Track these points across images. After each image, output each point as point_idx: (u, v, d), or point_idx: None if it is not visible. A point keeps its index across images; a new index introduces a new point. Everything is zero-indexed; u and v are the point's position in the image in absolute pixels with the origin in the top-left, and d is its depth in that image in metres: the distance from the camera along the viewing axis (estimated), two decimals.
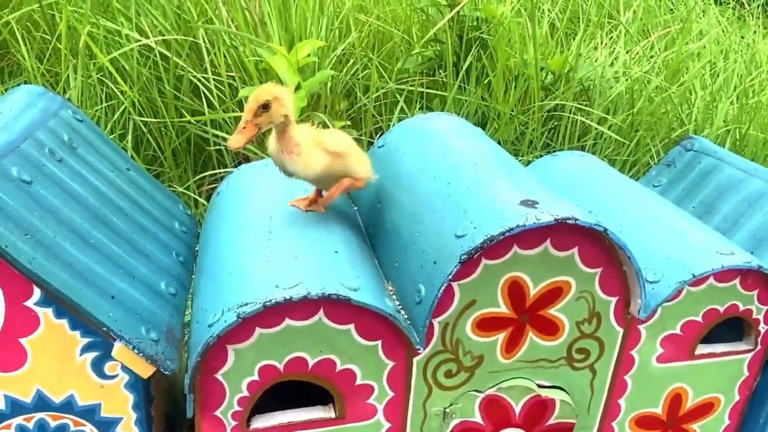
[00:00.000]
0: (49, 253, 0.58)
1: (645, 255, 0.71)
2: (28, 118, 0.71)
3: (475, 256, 0.61)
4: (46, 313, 0.57)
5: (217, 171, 1.33)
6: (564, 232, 0.64)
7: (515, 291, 0.66)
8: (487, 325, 0.67)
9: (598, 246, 0.66)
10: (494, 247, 0.62)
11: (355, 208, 0.90)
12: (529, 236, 0.63)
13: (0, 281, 0.55)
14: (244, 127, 0.65)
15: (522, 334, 0.69)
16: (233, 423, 0.65)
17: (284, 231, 0.72)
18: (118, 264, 0.66)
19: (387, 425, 0.70)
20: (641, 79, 1.52)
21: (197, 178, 1.31)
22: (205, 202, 1.28)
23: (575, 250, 0.66)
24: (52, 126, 0.73)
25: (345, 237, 0.76)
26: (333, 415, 0.68)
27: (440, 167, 0.76)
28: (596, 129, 1.44)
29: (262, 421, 0.67)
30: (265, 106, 0.65)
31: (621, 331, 0.72)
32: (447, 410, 0.71)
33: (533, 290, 0.67)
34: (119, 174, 0.80)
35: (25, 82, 1.34)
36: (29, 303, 0.57)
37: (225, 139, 1.34)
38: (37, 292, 0.56)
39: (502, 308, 0.67)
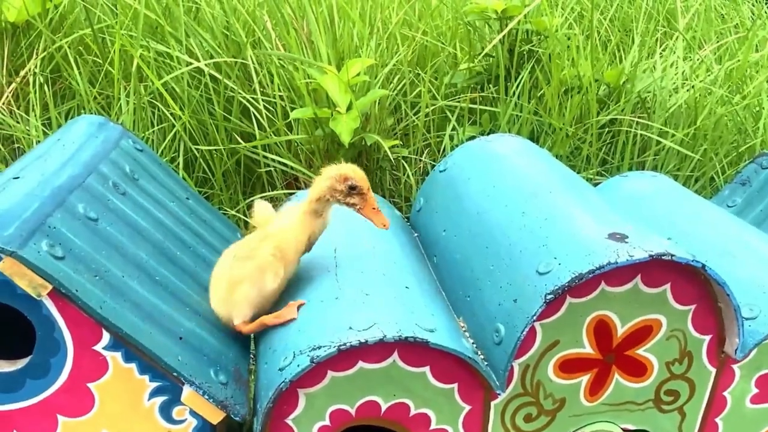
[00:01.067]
0: (118, 295, 0.56)
1: (736, 287, 0.65)
2: (91, 151, 0.70)
3: (562, 294, 0.57)
4: (115, 357, 0.55)
5: (266, 193, 1.32)
6: (656, 267, 0.60)
7: (601, 330, 0.62)
8: (570, 366, 0.63)
9: (693, 282, 0.61)
10: (581, 285, 0.58)
11: (416, 234, 0.87)
12: (619, 273, 0.59)
13: (69, 325, 0.54)
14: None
15: (607, 376, 0.64)
16: None
17: (351, 264, 0.69)
18: (183, 301, 0.64)
19: None
20: (703, 91, 1.45)
21: (248, 200, 1.29)
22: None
23: (668, 286, 0.61)
24: (114, 158, 0.72)
25: (413, 269, 0.72)
26: None
27: (511, 194, 0.72)
28: (656, 143, 1.38)
29: None
30: None
31: (714, 371, 0.67)
32: None
33: (621, 329, 0.62)
34: (179, 204, 0.78)
35: (78, 106, 1.34)
36: (98, 347, 0.55)
37: (274, 160, 1.32)
38: (106, 336, 0.54)
39: (587, 349, 0.62)
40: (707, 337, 0.65)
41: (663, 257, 0.57)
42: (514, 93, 1.36)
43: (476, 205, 0.75)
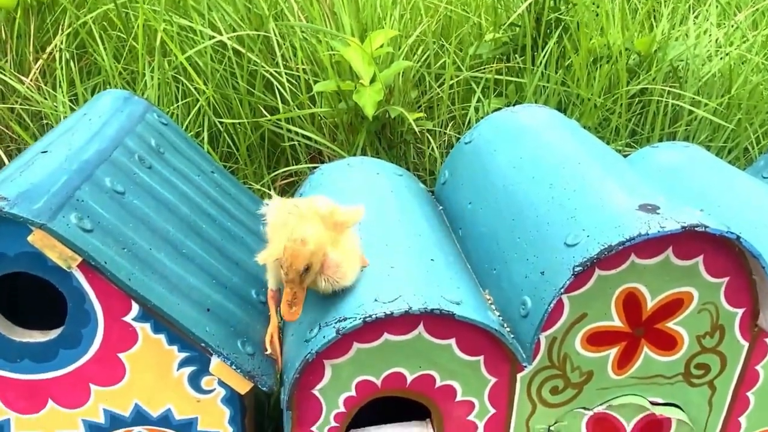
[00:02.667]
0: (145, 267, 0.56)
1: None
2: (117, 125, 0.70)
3: (591, 266, 0.56)
4: (144, 328, 0.56)
5: (290, 167, 1.32)
6: (689, 239, 0.58)
7: (631, 303, 0.61)
8: (598, 339, 0.62)
9: (726, 254, 0.60)
10: (610, 257, 0.56)
11: (440, 207, 0.86)
12: (650, 245, 0.58)
13: (99, 297, 0.54)
14: (295, 298, 0.55)
15: (636, 349, 0.63)
16: None
17: (375, 237, 0.68)
18: (210, 274, 0.64)
19: None
20: (738, 58, 1.40)
21: (272, 174, 1.30)
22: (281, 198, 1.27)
23: (700, 258, 0.59)
24: (140, 131, 0.72)
25: (438, 242, 0.72)
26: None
27: (539, 166, 0.71)
28: (689, 113, 1.34)
29: None
30: (307, 269, 0.55)
31: (746, 344, 0.65)
32: (551, 428, 0.66)
33: (651, 302, 0.61)
34: (205, 177, 0.79)
35: (104, 82, 1.35)
36: (127, 318, 0.56)
37: (298, 134, 1.32)
38: (135, 307, 0.55)
39: (616, 322, 0.62)
40: (740, 311, 0.63)
41: (696, 228, 0.55)
42: (540, 63, 1.33)
43: (503, 177, 0.73)
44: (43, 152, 0.61)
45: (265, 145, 1.35)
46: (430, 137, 1.31)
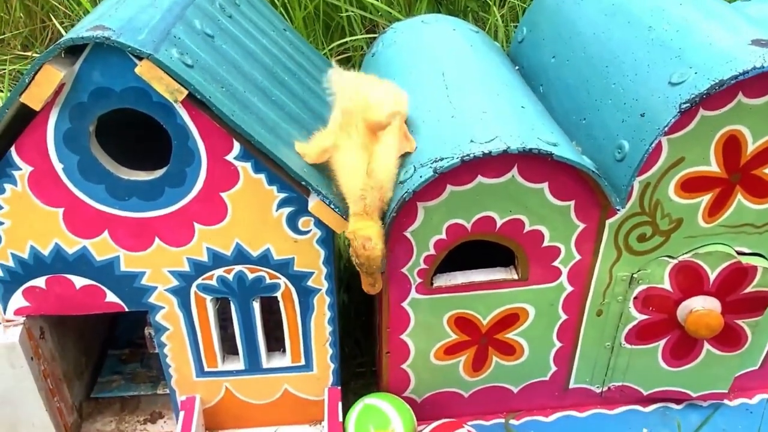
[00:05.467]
0: (243, 107, 0.57)
1: None
2: None
3: (697, 104, 0.54)
4: (245, 168, 0.57)
5: (347, 38, 1.28)
6: None
7: (731, 147, 0.59)
8: (692, 185, 0.62)
9: None
10: (718, 95, 0.54)
11: (517, 67, 0.84)
12: (761, 82, 0.55)
13: (202, 135, 0.55)
14: (377, 282, 0.58)
15: (730, 196, 0.63)
16: (418, 280, 0.65)
17: (462, 87, 0.67)
18: (299, 123, 0.64)
19: (569, 289, 0.68)
20: None
21: (329, 47, 1.27)
22: None
23: None
24: None
25: (526, 93, 0.70)
26: (515, 277, 0.67)
27: (634, 11, 0.67)
28: None
29: (444, 280, 0.67)
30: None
31: None
32: (635, 276, 0.67)
33: (752, 146, 0.59)
34: (279, 33, 0.77)
35: None
36: (229, 157, 0.57)
37: (353, 4, 1.27)
38: (236, 146, 0.56)
39: (713, 167, 0.60)
40: None
41: None
42: None
43: (593, 25, 0.70)
44: None
45: (320, 16, 1.31)
46: (494, 7, 1.25)
